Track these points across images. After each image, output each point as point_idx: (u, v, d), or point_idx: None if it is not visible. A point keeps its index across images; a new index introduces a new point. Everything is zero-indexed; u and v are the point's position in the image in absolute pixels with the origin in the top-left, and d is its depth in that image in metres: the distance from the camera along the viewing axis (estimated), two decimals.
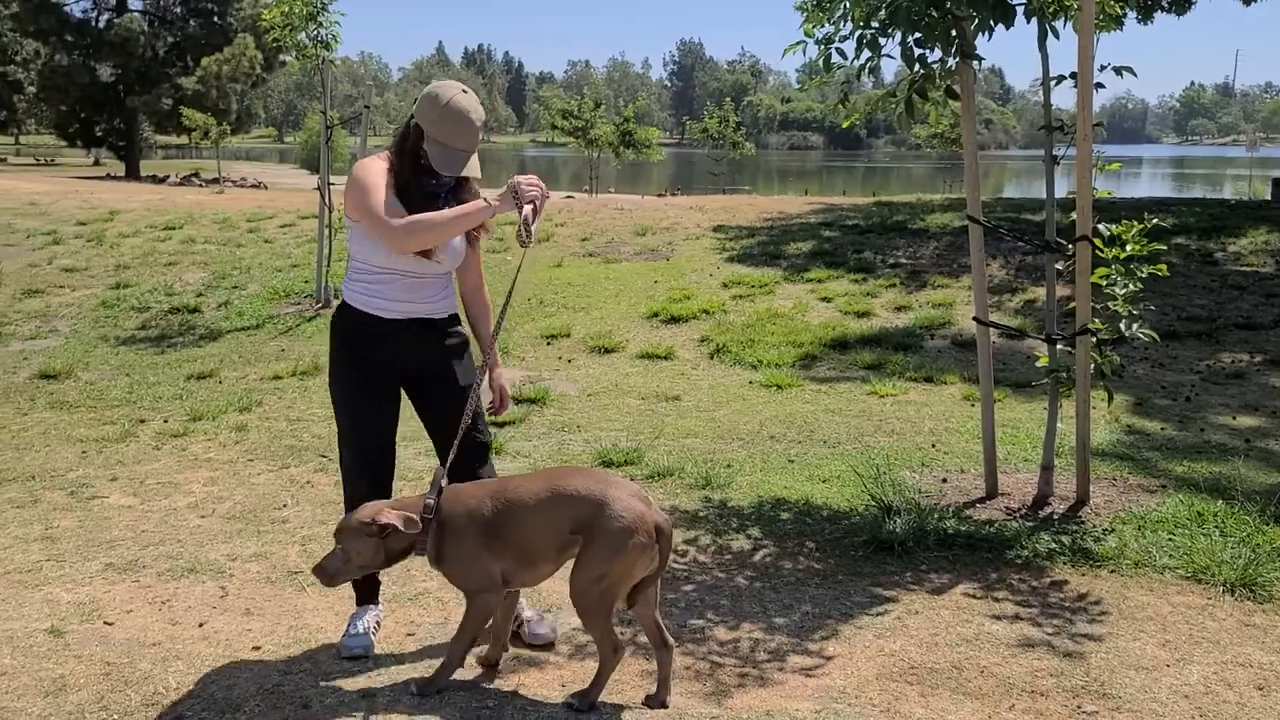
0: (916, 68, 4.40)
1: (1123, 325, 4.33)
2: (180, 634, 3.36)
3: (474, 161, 3.08)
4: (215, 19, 44.32)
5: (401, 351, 3.19)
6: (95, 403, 6.58)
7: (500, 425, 5.87)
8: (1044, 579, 3.83)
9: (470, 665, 3.11)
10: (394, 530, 2.86)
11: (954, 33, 4.28)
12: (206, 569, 3.90)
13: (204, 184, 33.03)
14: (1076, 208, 4.25)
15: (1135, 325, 4.32)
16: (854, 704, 2.95)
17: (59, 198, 16.11)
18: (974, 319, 4.72)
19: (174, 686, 3.00)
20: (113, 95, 42.88)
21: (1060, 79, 4.41)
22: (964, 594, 3.70)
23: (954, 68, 4.42)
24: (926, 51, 4.36)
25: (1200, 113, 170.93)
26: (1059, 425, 4.65)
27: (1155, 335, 4.51)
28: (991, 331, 4.77)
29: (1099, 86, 4.24)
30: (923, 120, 4.86)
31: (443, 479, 2.99)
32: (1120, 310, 4.33)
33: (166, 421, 6.09)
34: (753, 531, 4.29)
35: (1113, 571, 3.88)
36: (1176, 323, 8.10)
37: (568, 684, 3.02)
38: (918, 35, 4.25)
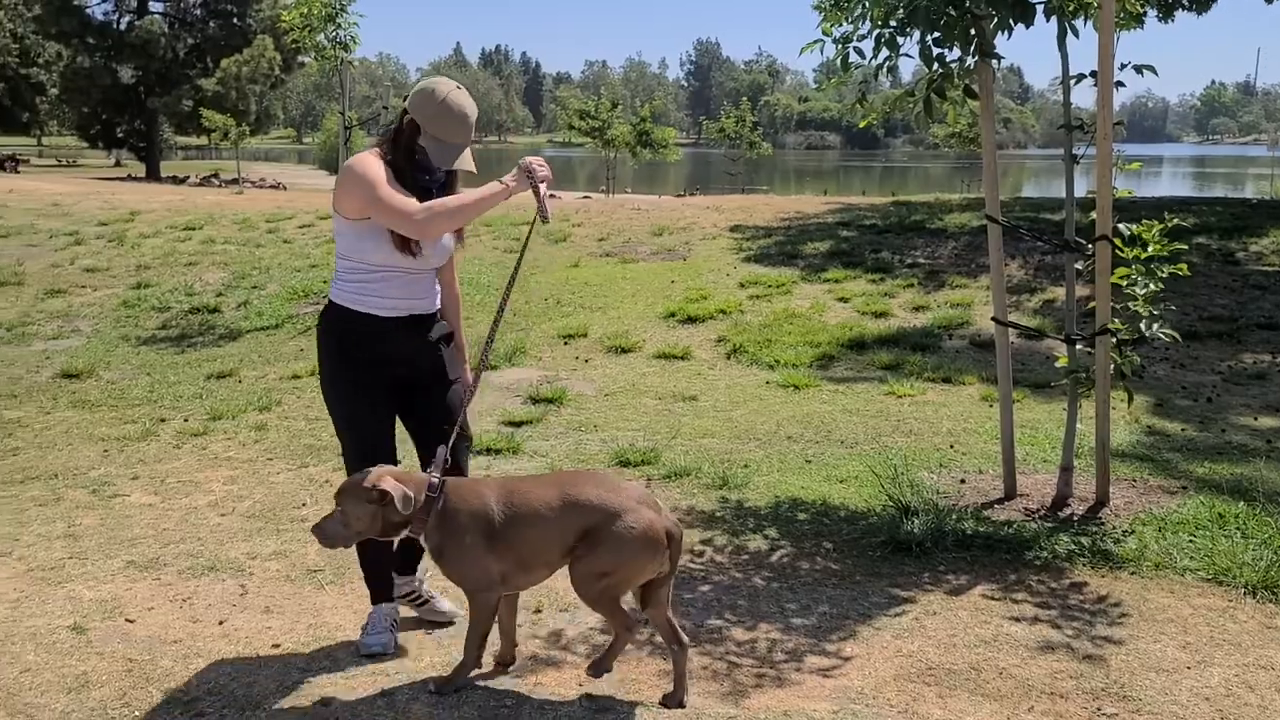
0: (935, 67, 4.38)
1: (1143, 325, 4.31)
2: (201, 632, 3.39)
3: (467, 155, 3.13)
4: (235, 20, 44.64)
5: (396, 349, 3.19)
6: (117, 402, 6.64)
7: (517, 425, 5.88)
8: (1063, 580, 3.81)
9: (487, 663, 3.12)
10: (392, 501, 2.86)
11: (973, 31, 4.27)
12: (226, 567, 3.93)
13: (223, 185, 33.28)
14: (1097, 207, 4.22)
15: (1156, 325, 4.29)
16: (871, 704, 2.94)
17: (81, 198, 16.26)
18: (992, 319, 4.70)
19: (195, 684, 3.02)
20: (133, 97, 43.26)
21: (1080, 77, 4.39)
22: (982, 595, 3.69)
23: (973, 67, 4.40)
24: (945, 50, 4.34)
25: (1221, 111, 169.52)
26: (1078, 426, 4.62)
27: (1176, 335, 4.48)
28: (1010, 332, 4.75)
29: (1119, 85, 4.22)
30: (941, 119, 4.84)
31: (445, 458, 3.00)
32: (1141, 310, 4.30)
33: (187, 420, 6.14)
34: (770, 532, 4.29)
35: (1133, 573, 3.86)
36: (1197, 323, 8.04)
37: (585, 683, 3.02)
38: (936, 34, 4.23)
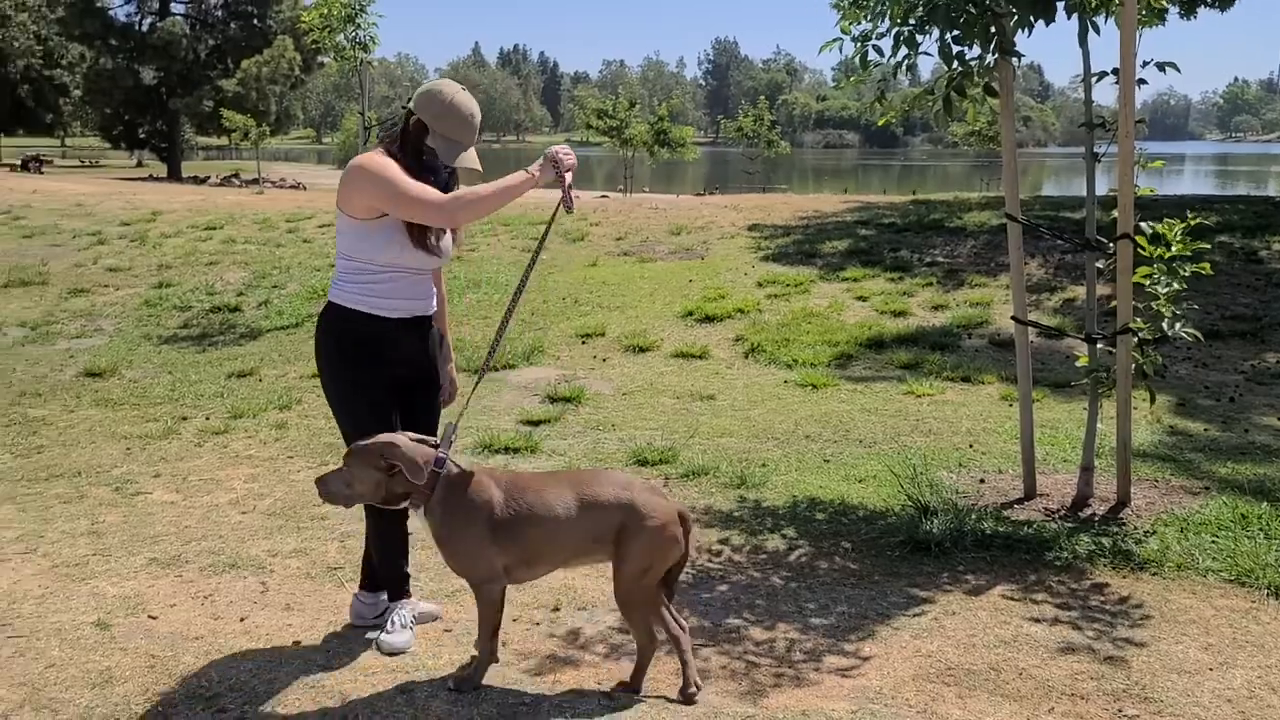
0: (955, 65, 4.36)
1: (1165, 324, 4.27)
2: (222, 628, 3.41)
3: (473, 154, 3.16)
4: (255, 22, 44.94)
5: (399, 349, 3.19)
6: (139, 400, 6.69)
7: (535, 424, 5.90)
8: (1084, 581, 3.79)
9: (508, 662, 3.13)
10: (400, 472, 2.87)
11: (993, 29, 4.25)
12: (248, 564, 3.96)
13: (244, 185, 33.51)
14: (1118, 205, 4.20)
15: (1178, 324, 4.26)
16: (890, 704, 2.93)
17: (103, 199, 16.41)
18: (1012, 318, 4.67)
19: (216, 680, 3.05)
20: (155, 97, 43.61)
21: (1101, 75, 4.36)
22: (1002, 595, 3.67)
23: (993, 64, 4.38)
24: (965, 48, 4.33)
25: (1244, 109, 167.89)
26: (1099, 426, 4.59)
27: (1198, 334, 4.44)
28: (1030, 331, 4.72)
29: (1141, 82, 4.19)
30: (960, 118, 4.82)
31: (454, 434, 3.01)
32: (1163, 309, 4.27)
33: (208, 419, 6.19)
34: (788, 531, 4.28)
35: (1154, 574, 3.83)
36: (1220, 322, 7.97)
37: (603, 681, 3.03)
38: (956, 32, 4.22)
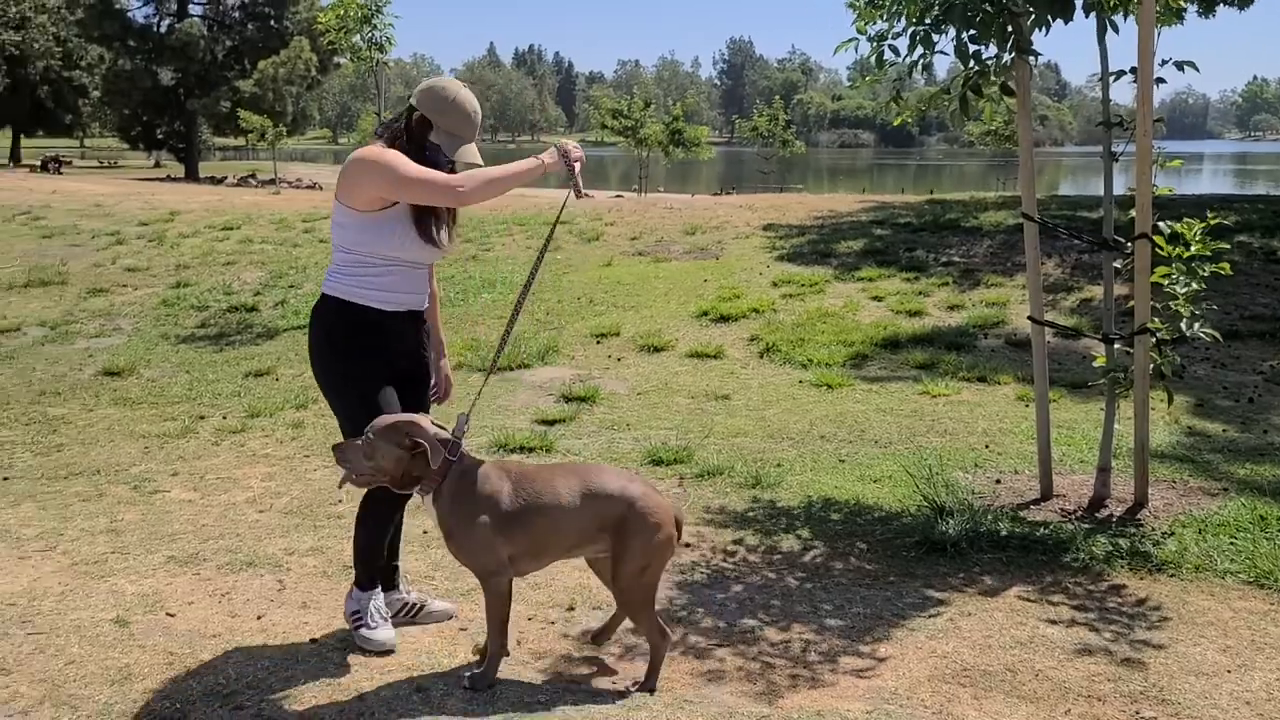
0: (971, 64, 4.35)
1: (1183, 324, 4.25)
2: (239, 626, 3.43)
3: (475, 149, 3.17)
4: (272, 23, 45.20)
5: (393, 343, 3.19)
6: (157, 399, 6.74)
7: (550, 423, 5.91)
8: (1101, 582, 3.77)
9: (523, 661, 3.14)
10: (422, 454, 2.89)
11: (1009, 28, 4.23)
12: (264, 563, 3.98)
13: (260, 185, 33.69)
14: (1136, 204, 4.17)
15: (1196, 325, 4.23)
16: (906, 705, 2.93)
17: (122, 199, 16.53)
18: (1029, 318, 4.65)
19: (234, 677, 3.07)
20: (173, 98, 43.92)
21: (1120, 74, 4.33)
22: (1018, 596, 3.66)
23: (1009, 64, 4.36)
24: (981, 47, 4.31)
25: (1263, 108, 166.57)
26: (1116, 426, 4.57)
27: (1217, 335, 4.41)
28: (1046, 331, 4.70)
29: (1159, 81, 4.16)
30: (977, 117, 4.81)
31: (465, 425, 3.03)
32: (1181, 309, 4.24)
33: (225, 418, 6.23)
34: (803, 531, 4.28)
35: (1172, 576, 3.80)
36: (1239, 322, 7.91)
37: (618, 681, 3.03)
38: (972, 31, 4.20)
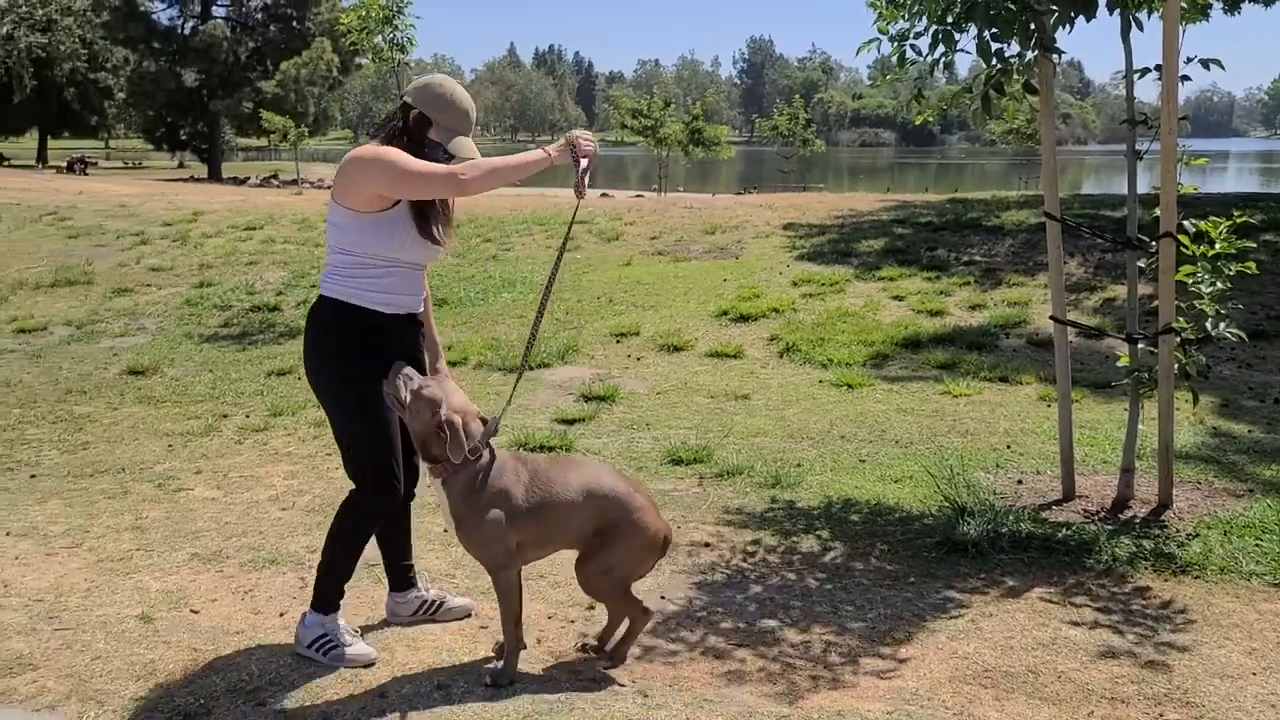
0: (993, 62, 4.32)
1: (1208, 324, 4.21)
2: (262, 623, 3.46)
3: (471, 144, 3.16)
4: (294, 24, 45.52)
5: (397, 345, 3.17)
6: (180, 398, 6.80)
7: (570, 423, 5.92)
8: (1124, 584, 3.74)
9: (542, 659, 3.15)
10: (448, 434, 2.93)
11: (1032, 26, 4.20)
12: (287, 560, 4.01)
13: (282, 185, 33.91)
14: (1161, 203, 4.14)
15: (1222, 324, 4.20)
16: (926, 706, 2.92)
17: (146, 199, 16.69)
18: (1051, 317, 4.62)
19: (257, 673, 3.09)
20: (196, 99, 44.29)
21: (1144, 71, 4.29)
22: (1040, 598, 3.63)
23: (1032, 62, 4.34)
24: (1004, 46, 4.28)
25: None
26: (1139, 427, 4.53)
27: (1242, 335, 4.37)
28: (1069, 330, 4.67)
29: (1184, 79, 4.12)
30: (999, 116, 4.78)
31: (496, 428, 3.03)
32: (1206, 309, 4.20)
33: (248, 417, 6.27)
34: (823, 532, 4.27)
35: (1197, 577, 3.77)
36: (1265, 321, 7.83)
37: (637, 679, 3.04)
38: (995, 30, 4.18)
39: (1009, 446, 5.40)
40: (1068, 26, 4.22)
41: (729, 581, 3.78)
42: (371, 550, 4.10)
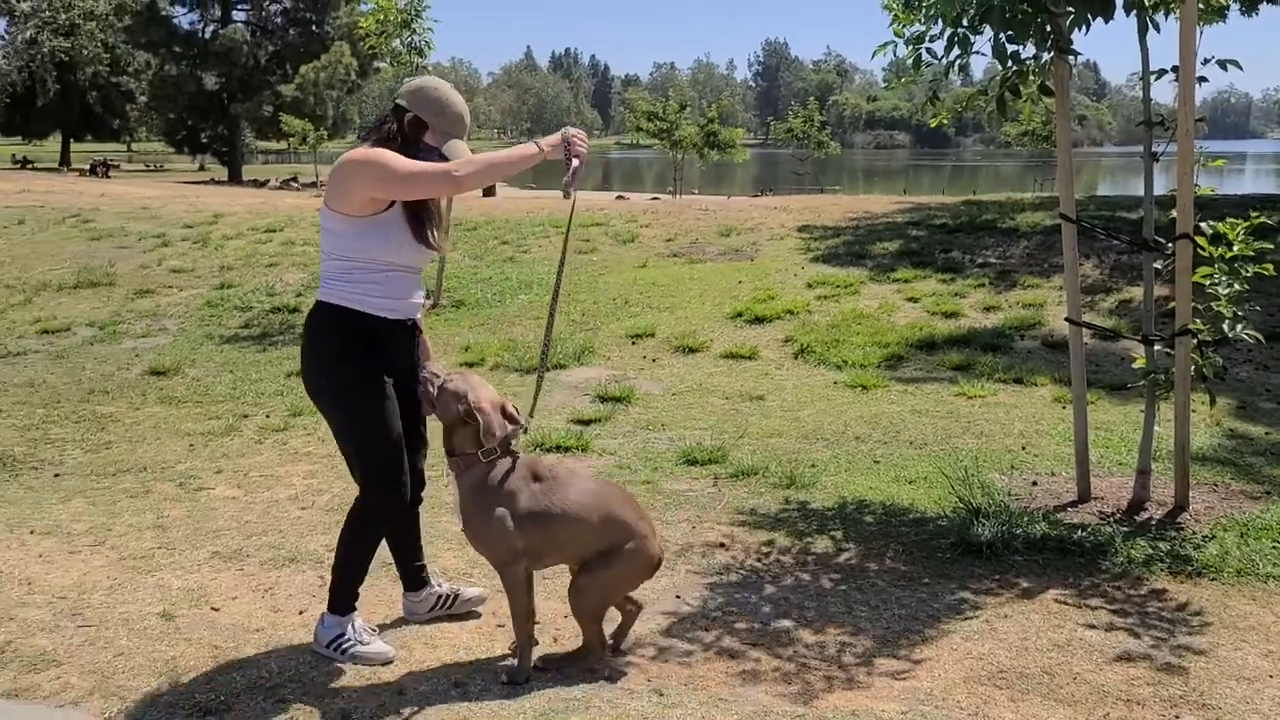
0: (1009, 64, 4.32)
1: (1225, 326, 4.20)
2: (282, 621, 3.50)
3: (465, 146, 3.17)
4: (313, 28, 45.83)
5: (396, 350, 3.17)
6: (201, 398, 6.86)
7: (586, 423, 5.95)
8: (1140, 586, 3.74)
9: (553, 652, 3.17)
10: (480, 420, 2.99)
11: (1048, 28, 4.20)
12: (306, 559, 4.05)
13: (301, 188, 34.10)
14: (1178, 205, 4.13)
15: (1239, 326, 4.19)
16: (941, 706, 2.93)
17: (167, 202, 16.83)
18: (1066, 319, 4.62)
19: (276, 671, 3.13)
20: (217, 103, 44.65)
21: (1161, 73, 4.29)
22: (1055, 599, 3.63)
23: (1048, 64, 4.34)
24: (1019, 48, 4.29)
25: None
26: (1155, 428, 4.52)
27: (1260, 336, 4.36)
28: (1084, 332, 4.66)
29: (1201, 80, 4.12)
30: (1015, 117, 4.78)
31: (519, 433, 3.08)
32: (1224, 310, 4.19)
33: (268, 417, 6.33)
34: (837, 533, 4.28)
35: (1213, 580, 3.76)
36: None
37: (652, 679, 3.06)
38: (1010, 32, 4.18)
39: (1024, 448, 5.39)
40: (1084, 28, 4.21)
41: (744, 582, 3.80)
42: (388, 549, 4.14)
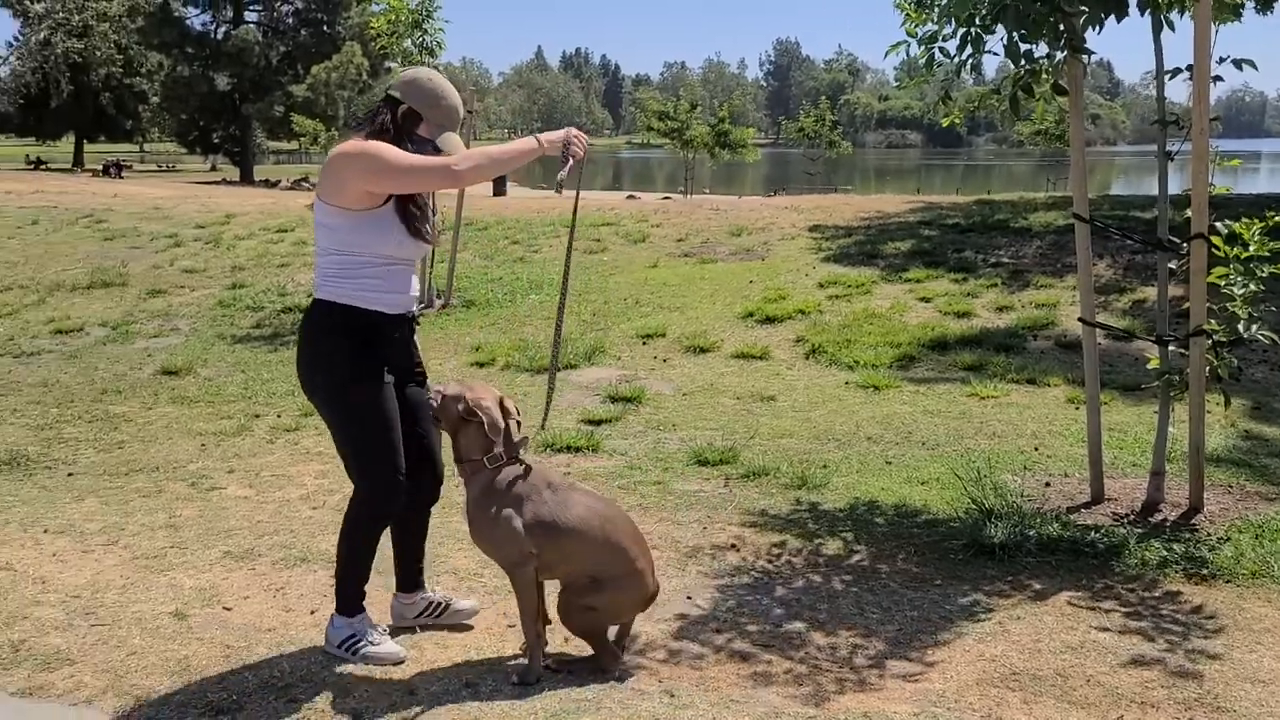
0: (1022, 64, 4.30)
1: (1241, 326, 4.17)
2: (294, 620, 3.51)
3: (458, 139, 3.16)
4: (324, 28, 46.00)
5: (394, 345, 3.15)
6: (213, 398, 6.89)
7: (596, 423, 5.95)
8: (1154, 588, 3.72)
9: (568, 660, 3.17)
10: (475, 421, 3.01)
11: (1062, 27, 4.18)
12: (318, 559, 4.06)
13: (313, 188, 34.18)
14: (1192, 204, 4.11)
15: (1254, 326, 4.16)
16: (954, 708, 2.91)
17: (180, 202, 16.89)
18: (1079, 319, 4.60)
19: (288, 670, 3.14)
20: (229, 103, 44.85)
21: (1175, 72, 4.26)
22: (1069, 601, 3.61)
23: (1061, 63, 4.32)
24: (1033, 47, 4.27)
25: None
26: (1170, 429, 4.49)
27: (1275, 337, 4.32)
28: (1098, 332, 4.64)
29: (1216, 79, 4.09)
30: (1027, 116, 4.77)
31: (526, 442, 3.09)
32: (1239, 311, 4.17)
33: (280, 416, 6.34)
34: (848, 534, 4.27)
35: (1228, 582, 3.74)
36: None
37: (663, 680, 3.06)
38: (1024, 31, 4.16)
39: (1036, 449, 5.37)
40: (1098, 27, 4.19)
41: (755, 584, 3.79)
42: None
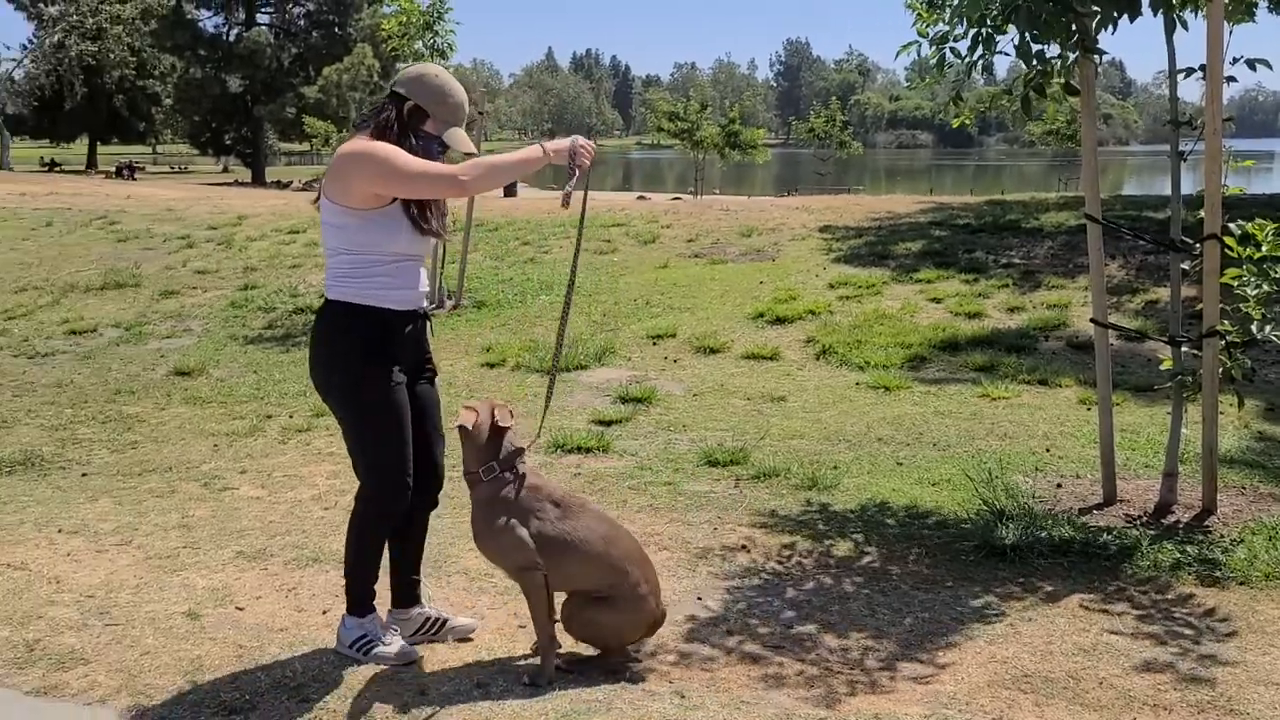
0: (1034, 64, 4.29)
1: (1254, 327, 4.15)
2: (306, 620, 3.52)
3: (464, 134, 3.13)
4: (336, 30, 46.16)
5: (405, 342, 3.14)
6: (225, 399, 6.92)
7: (607, 424, 5.95)
8: (1167, 590, 3.70)
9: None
10: (469, 439, 3.04)
11: (1074, 27, 4.17)
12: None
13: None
14: (1205, 205, 4.09)
15: (1268, 327, 4.14)
16: (965, 710, 2.91)
17: (192, 204, 16.97)
18: (1091, 320, 4.58)
19: (300, 670, 3.15)
20: (241, 105, 45.05)
21: (1188, 72, 4.25)
22: (1080, 603, 3.60)
23: (1073, 63, 4.30)
24: (1044, 47, 4.25)
25: None
26: (1183, 431, 4.47)
27: None
28: (1110, 333, 4.62)
29: (1230, 79, 4.08)
30: (1039, 117, 4.76)
31: (523, 453, 3.09)
32: (1252, 311, 4.15)
33: (292, 417, 6.36)
34: (859, 535, 4.26)
35: (1241, 584, 3.72)
36: None
37: (674, 682, 3.06)
38: (1035, 31, 4.15)
39: (1048, 450, 5.35)
40: (1110, 27, 4.18)
41: (765, 585, 3.79)
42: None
